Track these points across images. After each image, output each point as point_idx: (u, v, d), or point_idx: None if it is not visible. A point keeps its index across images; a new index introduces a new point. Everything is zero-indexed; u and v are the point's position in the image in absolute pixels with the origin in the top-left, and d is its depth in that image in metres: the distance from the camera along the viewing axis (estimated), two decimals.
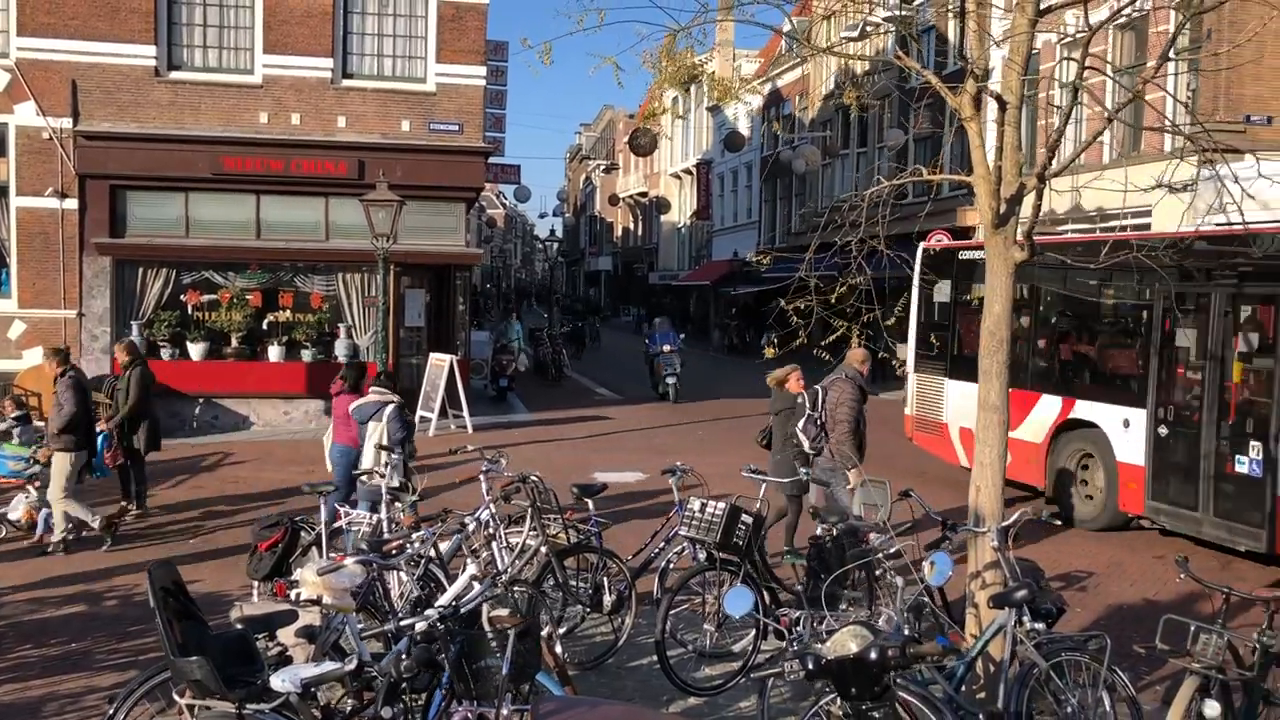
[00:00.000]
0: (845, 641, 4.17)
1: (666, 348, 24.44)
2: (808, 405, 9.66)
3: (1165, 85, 22.72)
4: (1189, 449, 10.65)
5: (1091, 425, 11.91)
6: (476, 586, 4.98)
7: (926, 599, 6.56)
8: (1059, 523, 8.37)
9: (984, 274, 11.37)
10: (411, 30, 19.20)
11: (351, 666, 4.17)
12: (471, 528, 7.48)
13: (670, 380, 24.11)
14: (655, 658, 6.93)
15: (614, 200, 65.29)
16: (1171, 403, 11.00)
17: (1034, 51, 24.41)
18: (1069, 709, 5.67)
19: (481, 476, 8.00)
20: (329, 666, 4.25)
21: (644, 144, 35.38)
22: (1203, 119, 21.47)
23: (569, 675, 5.90)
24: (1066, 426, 12.30)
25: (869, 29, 22.24)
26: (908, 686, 4.81)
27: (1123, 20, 22.22)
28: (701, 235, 55.52)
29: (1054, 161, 6.15)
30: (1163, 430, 10.96)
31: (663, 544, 8.22)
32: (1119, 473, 11.46)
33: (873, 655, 4.05)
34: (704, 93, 35.90)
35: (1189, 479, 10.62)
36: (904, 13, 17.83)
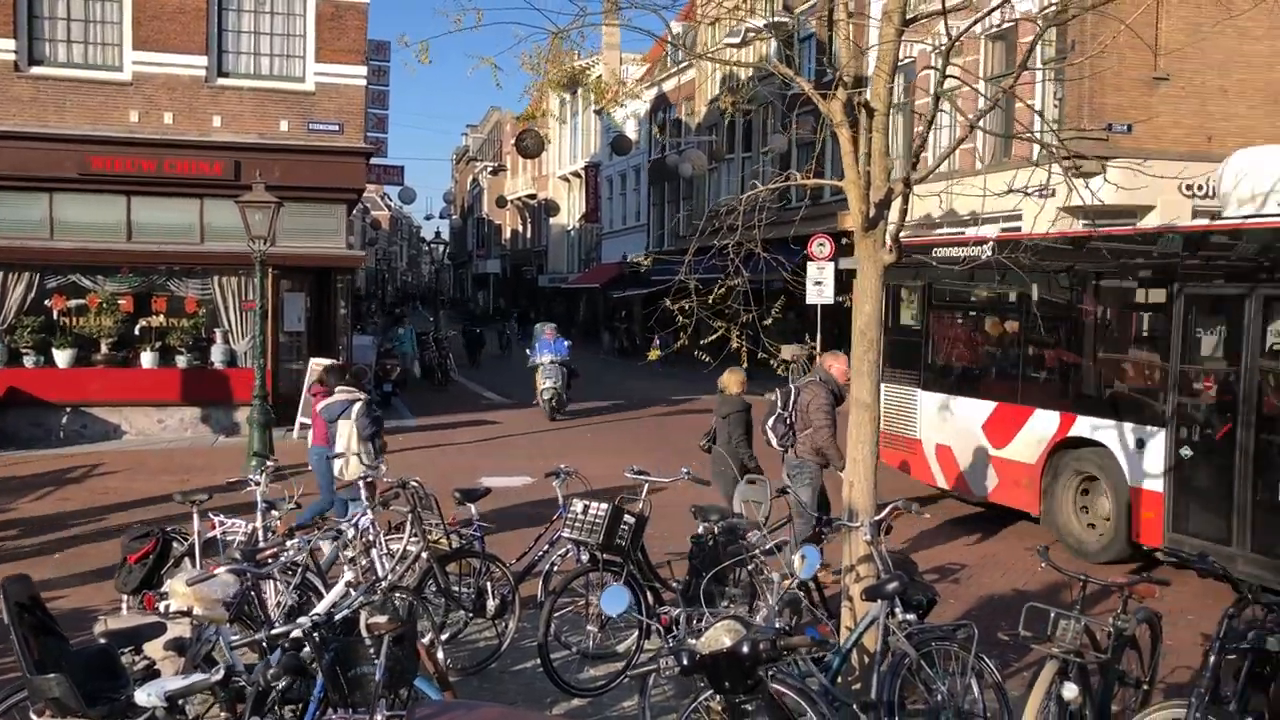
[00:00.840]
0: (719, 636, 4.24)
1: (548, 358, 21.82)
2: (779, 404, 9.75)
3: (1033, 93, 23.70)
4: (1220, 473, 9.27)
5: (1096, 444, 10.54)
6: (353, 594, 4.92)
7: (801, 593, 6.70)
8: (927, 515, 8.59)
9: (961, 274, 11.12)
10: (289, 29, 18.82)
11: (218, 677, 4.07)
12: (351, 534, 7.37)
13: (548, 396, 21.47)
14: (539, 660, 6.93)
15: (502, 202, 64.94)
16: (1197, 419, 9.63)
17: (909, 60, 25.20)
18: (939, 696, 5.85)
19: (360, 483, 7.88)
20: (195, 678, 4.15)
21: (531, 146, 35.28)
22: (1069, 127, 22.41)
23: (449, 680, 5.87)
24: (1065, 445, 10.92)
25: (751, 36, 22.59)
26: (784, 679, 4.92)
27: (993, 31, 23.05)
28: (591, 238, 55.62)
29: (918, 168, 6.34)
30: (1186, 451, 9.58)
31: (546, 547, 8.23)
32: (1132, 500, 10.09)
33: (745, 649, 4.13)
34: (590, 96, 35.98)
35: (1219, 508, 9.24)
36: (779, 19, 18.17)
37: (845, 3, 7.15)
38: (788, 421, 9.64)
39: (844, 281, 22.18)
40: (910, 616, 5.99)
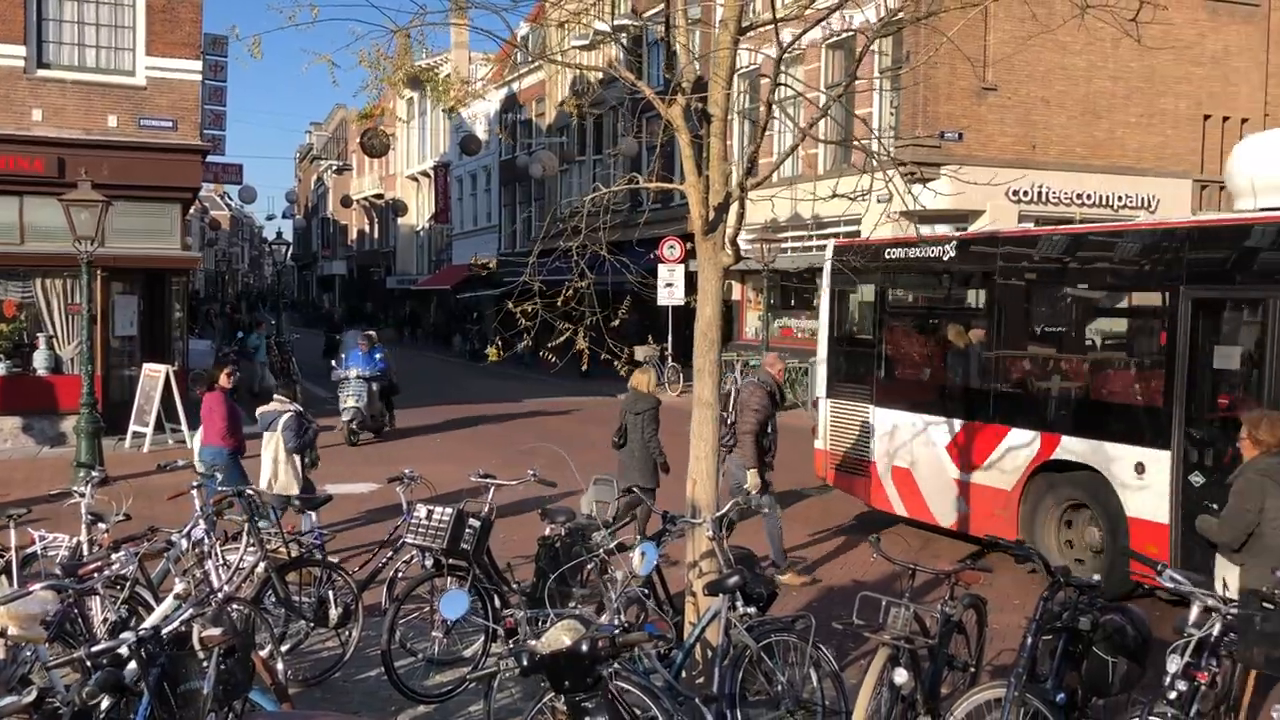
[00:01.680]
0: (559, 636, 4.27)
1: (354, 372, 18.40)
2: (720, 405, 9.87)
3: (872, 102, 24.54)
4: None
5: (1084, 468, 9.37)
6: (182, 606, 4.75)
7: (646, 589, 6.79)
8: (766, 511, 8.82)
9: (915, 275, 10.92)
10: (118, 19, 17.97)
11: (30, 698, 3.87)
12: (184, 546, 7.10)
13: (348, 418, 18.08)
14: (383, 669, 6.82)
15: (347, 202, 63.49)
16: (1209, 440, 8.51)
17: (753, 67, 25.65)
18: (779, 687, 6.02)
19: (193, 492, 7.60)
20: (5, 701, 3.94)
21: (376, 145, 34.62)
22: (905, 134, 23.25)
23: (288, 692, 5.72)
24: (1047, 468, 9.75)
25: (598, 39, 22.71)
26: (628, 676, 4.98)
27: (833, 40, 23.79)
28: (441, 239, 54.92)
29: (754, 173, 6.50)
30: (1196, 477, 8.43)
31: (390, 553, 8.10)
32: (1131, 531, 8.86)
33: (584, 647, 4.16)
34: (438, 95, 35.57)
35: None
36: (619, 24, 18.29)
37: (684, 9, 7.27)
38: (728, 422, 9.79)
39: (695, 283, 22.49)
40: (751, 610, 6.15)
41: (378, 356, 19.13)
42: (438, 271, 53.09)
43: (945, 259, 10.99)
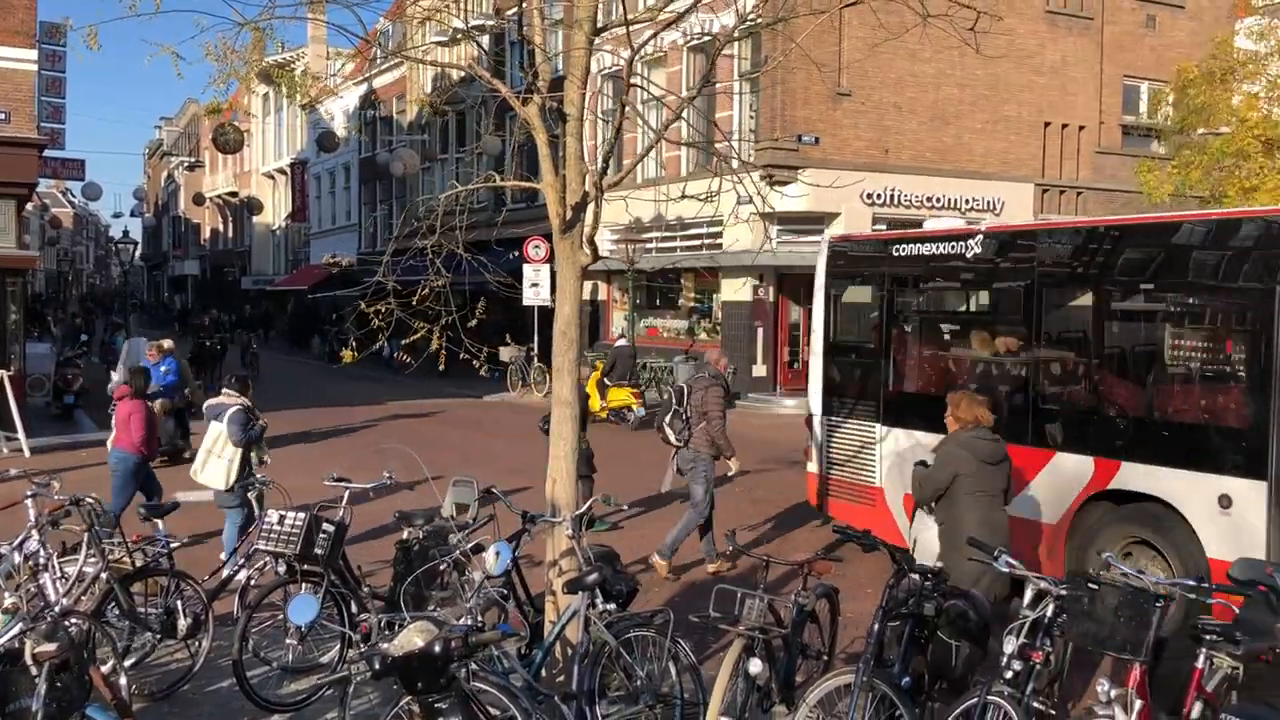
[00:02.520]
0: (411, 638, 4.22)
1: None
2: (674, 402, 10.33)
3: (732, 104, 24.94)
4: None
5: (1151, 500, 7.99)
6: (11, 621, 4.53)
7: (505, 590, 6.77)
8: (626, 508, 8.84)
9: (931, 273, 9.66)
10: None
11: None
12: (16, 560, 6.75)
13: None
14: (235, 679, 6.62)
15: (200, 200, 61.34)
16: None
17: (617, 68, 25.72)
18: (638, 682, 6.08)
19: (28, 502, 7.24)
20: None
21: (230, 141, 33.52)
22: (765, 137, 23.68)
23: (130, 707, 5.51)
24: (1102, 498, 8.38)
25: (460, 36, 22.49)
26: (485, 676, 4.96)
27: (694, 43, 24.09)
28: (299, 238, 53.53)
29: (608, 173, 6.55)
30: None
31: (241, 560, 7.87)
32: (1214, 575, 7.13)
33: (436, 648, 4.14)
34: (293, 91, 34.71)
35: None
36: (477, 22, 18.17)
37: (540, 8, 7.27)
38: (684, 417, 10.15)
39: None
40: (611, 606, 6.19)
41: (163, 370, 15.86)
42: (295, 271, 51.72)
43: (970, 255, 9.49)
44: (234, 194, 60.75)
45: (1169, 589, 5.26)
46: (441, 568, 6.53)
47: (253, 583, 7.75)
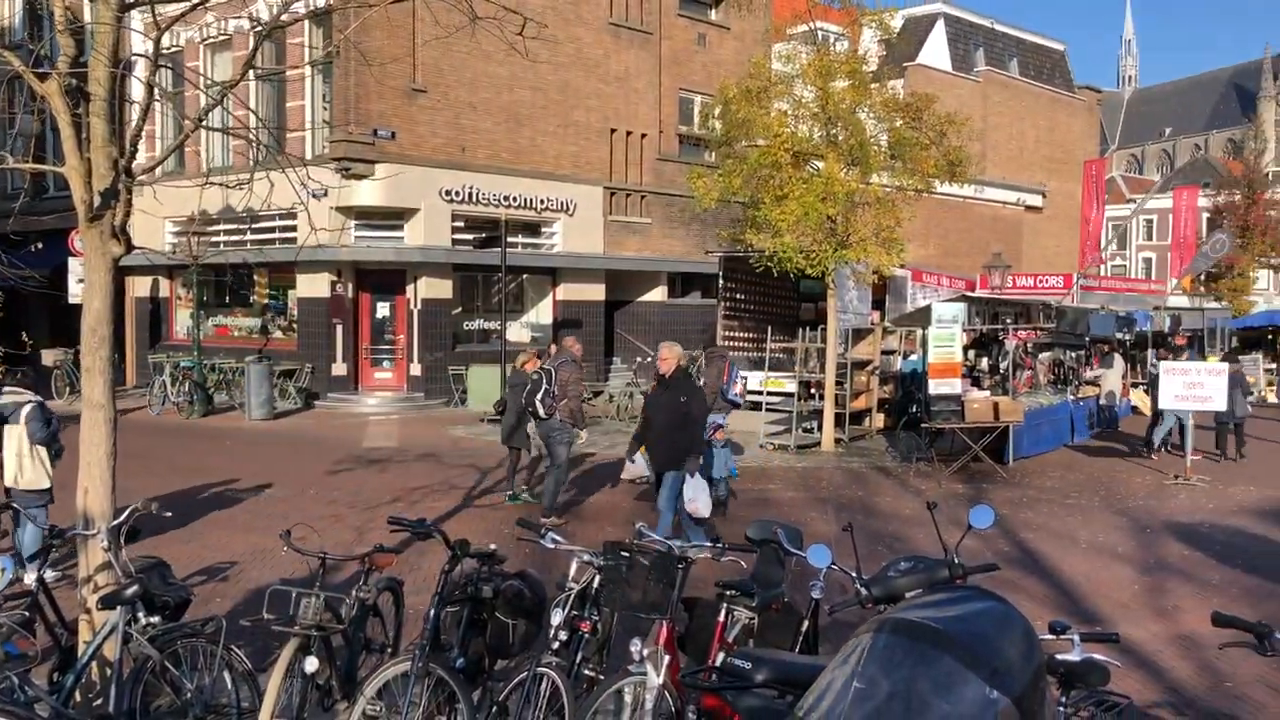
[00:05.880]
0: None
1: None
2: (544, 382, 12.37)
3: (303, 92, 24.17)
4: None
5: None
6: None
7: (30, 612, 6.18)
8: (169, 515, 8.24)
9: None
10: None
11: None
12: None
13: None
14: None
15: None
16: None
17: (176, 49, 23.99)
18: (188, 695, 5.79)
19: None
20: None
21: None
22: (339, 129, 23.12)
23: None
24: None
25: None
26: (4, 708, 4.51)
27: (259, 29, 23.05)
28: None
29: (136, 159, 6.15)
30: None
31: None
32: None
33: None
34: None
35: None
36: None
37: None
38: (553, 394, 12.37)
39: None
40: (155, 619, 5.85)
41: None
42: None
43: None
44: None
45: (692, 551, 5.81)
46: None
47: None
